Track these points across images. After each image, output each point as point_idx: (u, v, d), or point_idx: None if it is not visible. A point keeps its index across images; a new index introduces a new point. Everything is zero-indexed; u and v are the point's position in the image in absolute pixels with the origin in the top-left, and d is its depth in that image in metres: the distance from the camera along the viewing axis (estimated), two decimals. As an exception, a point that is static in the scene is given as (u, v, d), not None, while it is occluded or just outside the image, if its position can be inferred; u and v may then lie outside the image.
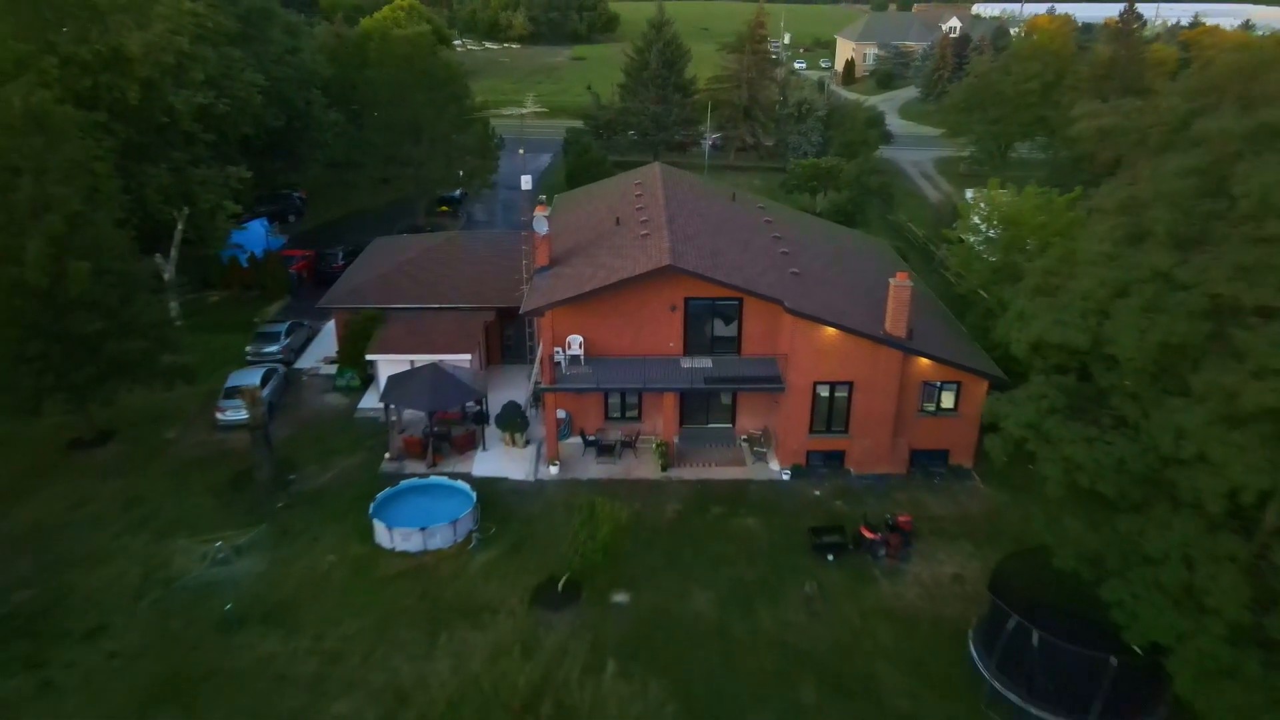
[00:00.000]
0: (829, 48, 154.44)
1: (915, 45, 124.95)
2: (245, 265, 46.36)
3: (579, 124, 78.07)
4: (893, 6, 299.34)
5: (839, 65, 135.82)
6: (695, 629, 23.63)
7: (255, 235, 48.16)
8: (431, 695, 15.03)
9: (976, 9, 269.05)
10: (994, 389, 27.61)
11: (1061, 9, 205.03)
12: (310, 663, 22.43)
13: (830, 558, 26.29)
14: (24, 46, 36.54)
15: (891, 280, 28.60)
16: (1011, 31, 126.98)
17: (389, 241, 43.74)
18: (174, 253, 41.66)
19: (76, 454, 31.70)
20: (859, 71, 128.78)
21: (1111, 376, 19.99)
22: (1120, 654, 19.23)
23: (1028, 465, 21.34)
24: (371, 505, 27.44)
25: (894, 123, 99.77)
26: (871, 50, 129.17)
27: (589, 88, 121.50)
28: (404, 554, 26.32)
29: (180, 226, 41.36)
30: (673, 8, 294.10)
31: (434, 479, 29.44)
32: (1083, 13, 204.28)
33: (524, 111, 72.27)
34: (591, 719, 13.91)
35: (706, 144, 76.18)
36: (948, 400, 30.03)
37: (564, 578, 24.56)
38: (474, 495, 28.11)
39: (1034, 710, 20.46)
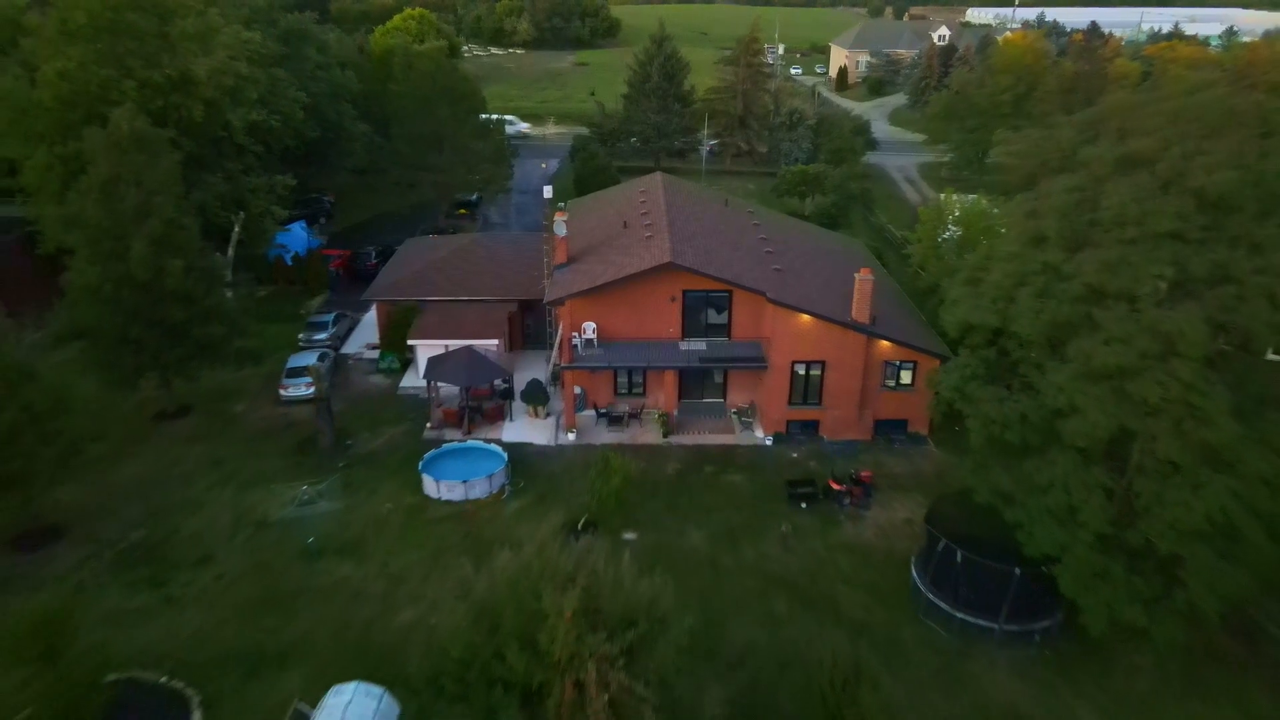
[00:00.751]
0: (825, 53, 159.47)
1: (906, 53, 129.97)
2: (289, 263, 51.65)
3: (585, 130, 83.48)
4: (889, 11, 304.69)
5: (833, 71, 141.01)
6: (691, 559, 28.92)
7: (297, 237, 53.45)
8: (494, 580, 20.20)
9: (970, 14, 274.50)
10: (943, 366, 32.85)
11: (1052, 14, 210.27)
12: (379, 583, 27.74)
13: (803, 505, 31.59)
14: (106, 72, 41.87)
15: (856, 274, 33.91)
16: (999, 40, 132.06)
17: (419, 242, 49.06)
18: (231, 253, 46.87)
19: (162, 424, 36.99)
20: (852, 78, 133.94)
21: (1019, 350, 25.28)
22: (1023, 567, 24.48)
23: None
24: (420, 463, 32.76)
25: (883, 129, 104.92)
26: (864, 58, 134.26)
27: (592, 94, 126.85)
28: (449, 502, 31.64)
29: (237, 229, 46.59)
30: (673, 11, 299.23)
31: (470, 443, 34.76)
32: (1069, 18, 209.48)
33: (547, 132, 77.66)
34: (614, 587, 19.14)
35: (704, 150, 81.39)
36: (906, 377, 35.32)
37: (583, 519, 29.83)
38: (505, 456, 33.42)
39: (959, 614, 25.74)
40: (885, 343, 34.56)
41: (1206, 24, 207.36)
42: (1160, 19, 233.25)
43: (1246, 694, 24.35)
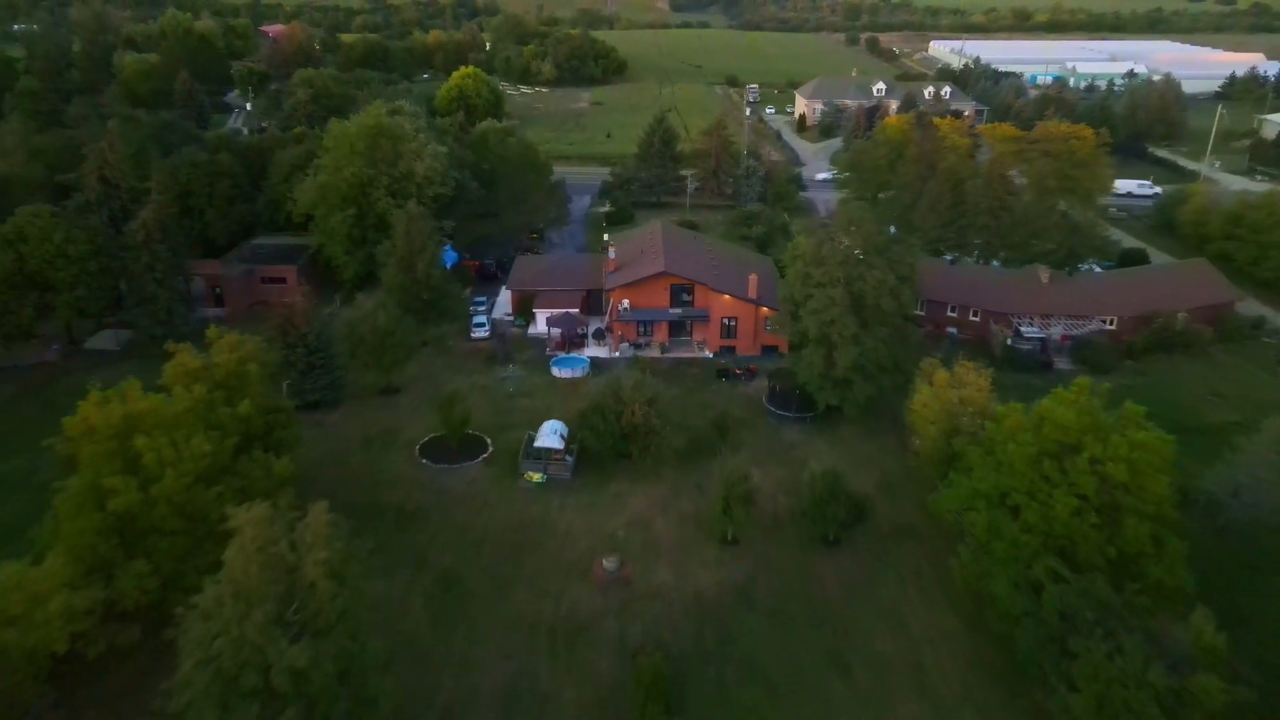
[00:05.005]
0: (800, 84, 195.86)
1: (851, 103, 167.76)
2: (447, 269, 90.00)
3: (606, 173, 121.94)
4: (863, 39, 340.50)
5: (797, 115, 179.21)
6: (671, 396, 67.33)
7: (449, 254, 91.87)
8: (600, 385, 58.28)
9: (933, 46, 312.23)
10: (789, 318, 71.35)
11: (988, 56, 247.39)
12: (541, 406, 66.25)
13: (724, 380, 70.35)
14: (370, 171, 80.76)
15: (749, 275, 72.61)
16: (924, 95, 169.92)
17: (526, 258, 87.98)
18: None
19: (419, 351, 75.48)
20: (809, 122, 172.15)
21: (800, 307, 63.98)
22: (800, 390, 63.09)
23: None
24: (550, 363, 71.58)
25: (824, 167, 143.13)
26: (819, 106, 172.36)
27: (609, 136, 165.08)
28: (564, 379, 70.35)
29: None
30: (671, 38, 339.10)
31: (570, 356, 73.45)
32: (1003, 55, 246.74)
33: (603, 209, 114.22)
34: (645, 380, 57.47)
35: (691, 189, 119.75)
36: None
37: (626, 383, 68.57)
38: (588, 361, 72.15)
39: (778, 412, 64.55)
40: (765, 309, 73.19)
41: (1123, 63, 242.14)
42: (1092, 54, 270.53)
43: (885, 440, 62.91)
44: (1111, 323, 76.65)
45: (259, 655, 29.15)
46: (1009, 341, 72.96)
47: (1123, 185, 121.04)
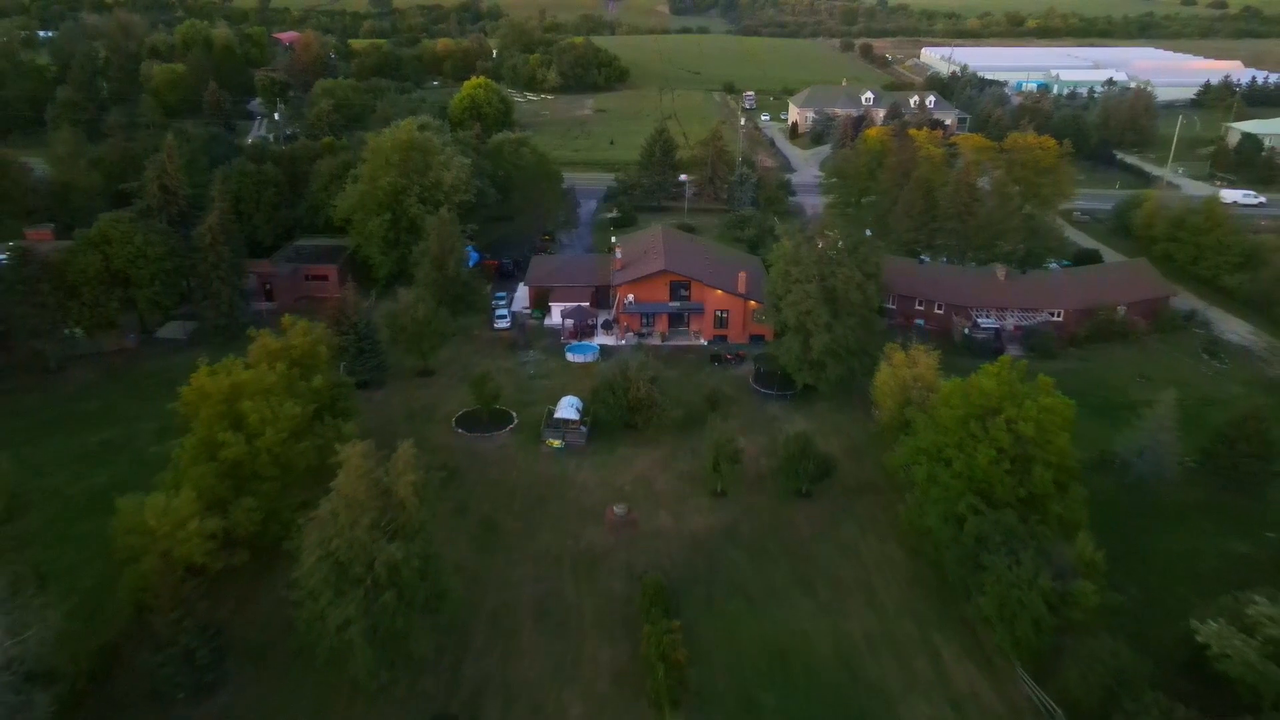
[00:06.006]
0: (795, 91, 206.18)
1: (841, 112, 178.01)
2: (469, 267, 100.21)
3: (610, 178, 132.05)
4: (857, 45, 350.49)
5: (790, 122, 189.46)
6: (670, 379, 77.64)
7: (472, 255, 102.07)
8: (608, 367, 68.38)
9: (924, 53, 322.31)
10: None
11: (977, 63, 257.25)
12: (557, 385, 76.51)
13: (716, 364, 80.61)
14: (403, 181, 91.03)
15: (739, 273, 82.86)
16: (909, 104, 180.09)
17: (541, 258, 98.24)
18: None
19: (450, 338, 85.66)
20: (801, 129, 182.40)
21: (781, 300, 74.31)
22: (782, 371, 73.37)
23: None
24: (565, 349, 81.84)
25: (814, 173, 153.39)
26: (810, 114, 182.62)
27: (611, 143, 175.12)
28: (577, 363, 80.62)
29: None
30: (670, 44, 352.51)
31: (581, 343, 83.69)
32: (990, 62, 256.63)
33: (610, 215, 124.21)
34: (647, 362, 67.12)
35: (689, 194, 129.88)
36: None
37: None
38: (597, 348, 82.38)
39: (762, 390, 74.82)
40: (753, 302, 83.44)
41: (1105, 71, 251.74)
42: (1077, 62, 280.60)
43: (853, 413, 73.13)
44: (1059, 315, 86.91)
45: (365, 552, 39.40)
46: (966, 331, 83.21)
47: (1228, 195, 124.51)
